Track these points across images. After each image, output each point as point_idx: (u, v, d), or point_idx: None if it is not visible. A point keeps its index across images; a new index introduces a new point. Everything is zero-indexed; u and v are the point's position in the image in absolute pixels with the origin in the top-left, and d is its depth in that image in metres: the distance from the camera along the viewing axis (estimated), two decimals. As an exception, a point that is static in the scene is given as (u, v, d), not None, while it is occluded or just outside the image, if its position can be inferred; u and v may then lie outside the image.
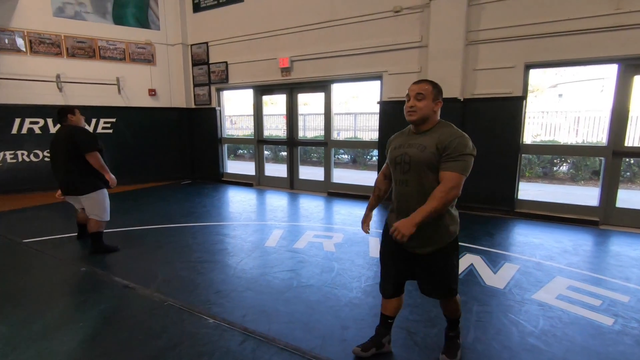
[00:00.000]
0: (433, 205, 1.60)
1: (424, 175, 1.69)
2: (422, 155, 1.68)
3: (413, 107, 1.69)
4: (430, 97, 1.69)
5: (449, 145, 1.62)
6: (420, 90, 1.69)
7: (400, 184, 1.79)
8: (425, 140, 1.70)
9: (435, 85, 1.73)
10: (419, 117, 1.69)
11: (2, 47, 6.06)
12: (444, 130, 1.69)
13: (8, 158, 6.31)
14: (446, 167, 1.63)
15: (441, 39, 4.86)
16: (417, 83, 1.74)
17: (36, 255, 3.46)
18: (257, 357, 1.97)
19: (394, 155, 1.81)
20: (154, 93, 7.40)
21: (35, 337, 2.14)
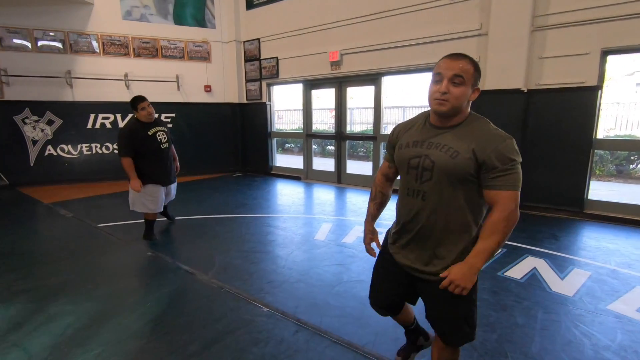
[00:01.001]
0: (497, 240, 1.21)
1: (450, 188, 1.27)
2: (453, 163, 1.23)
3: (446, 93, 1.22)
4: (470, 81, 1.23)
5: (495, 152, 1.18)
6: (459, 72, 1.21)
7: (413, 195, 1.34)
8: (454, 141, 1.25)
9: (477, 65, 1.27)
10: (451, 108, 1.23)
11: (80, 49, 6.70)
12: (480, 128, 1.25)
13: (84, 150, 6.99)
14: (498, 184, 1.20)
15: (503, 25, 4.53)
16: (454, 58, 1.23)
17: (109, 239, 3.80)
18: (311, 348, 2.00)
19: (406, 156, 1.35)
20: (209, 89, 7.76)
21: (111, 313, 2.36)
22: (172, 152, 3.78)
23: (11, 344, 2.02)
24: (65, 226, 4.25)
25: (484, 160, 1.20)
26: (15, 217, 4.63)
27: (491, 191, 1.22)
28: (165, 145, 3.57)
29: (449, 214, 1.29)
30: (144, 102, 3.43)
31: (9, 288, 2.68)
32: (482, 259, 1.23)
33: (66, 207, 5.07)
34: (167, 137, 3.63)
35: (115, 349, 1.99)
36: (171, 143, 3.73)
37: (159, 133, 3.53)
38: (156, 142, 3.48)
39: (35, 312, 2.35)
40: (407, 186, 1.37)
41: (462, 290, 1.23)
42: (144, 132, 3.42)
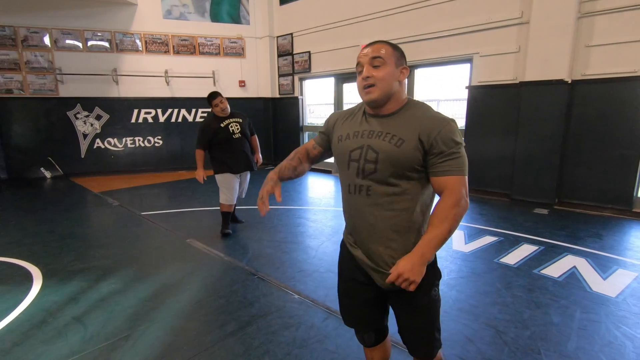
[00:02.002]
0: (447, 227, 1.09)
1: (398, 180, 1.14)
2: (399, 153, 1.12)
3: (369, 77, 1.14)
4: (391, 60, 1.15)
5: (440, 136, 1.09)
6: (376, 53, 1.14)
7: (356, 192, 1.20)
8: (397, 128, 1.14)
9: (395, 45, 1.19)
10: (381, 93, 1.14)
11: (124, 48, 7.10)
12: (422, 113, 1.15)
13: (128, 143, 7.44)
14: (446, 169, 1.10)
15: (547, 13, 4.30)
16: (368, 45, 1.18)
17: (151, 226, 4.06)
18: (340, 334, 2.06)
19: (347, 148, 1.22)
20: (243, 84, 7.97)
21: (155, 293, 2.55)
22: (250, 143, 3.83)
23: (70, 317, 2.25)
24: (113, 214, 4.58)
25: (431, 145, 1.10)
26: (70, 205, 5.05)
27: (439, 178, 1.12)
28: (237, 135, 3.62)
29: (397, 209, 1.16)
30: (216, 99, 3.55)
31: (66, 268, 2.95)
32: (431, 248, 1.10)
33: (113, 196, 5.44)
34: (242, 128, 3.67)
35: (160, 325, 2.16)
36: (248, 134, 3.77)
37: (232, 124, 3.61)
38: (228, 133, 3.57)
39: (89, 290, 2.59)
40: (349, 182, 1.22)
41: (411, 284, 1.08)
42: (217, 125, 3.56)
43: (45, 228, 3.96)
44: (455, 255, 3.16)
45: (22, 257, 3.16)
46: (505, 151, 4.93)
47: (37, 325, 2.17)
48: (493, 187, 5.18)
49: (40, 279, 2.76)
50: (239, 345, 1.97)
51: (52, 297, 2.49)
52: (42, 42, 6.61)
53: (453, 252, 3.22)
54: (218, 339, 2.03)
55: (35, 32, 6.55)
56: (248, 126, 3.80)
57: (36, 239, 3.61)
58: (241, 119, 3.71)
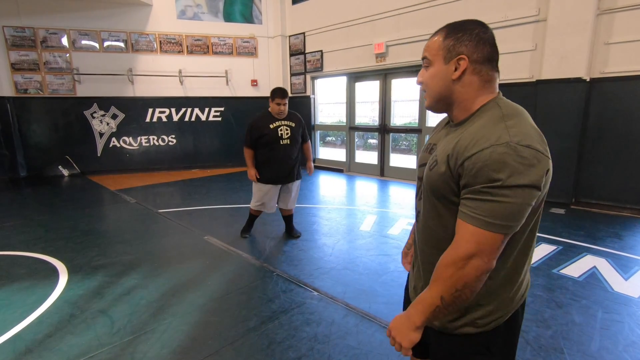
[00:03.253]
0: (437, 291, 0.84)
1: (434, 212, 0.93)
2: (429, 176, 0.92)
3: (420, 83, 0.96)
4: (438, 56, 0.89)
5: (471, 162, 0.78)
6: (423, 53, 0.95)
7: (416, 214, 1.07)
8: (444, 146, 0.90)
9: (453, 27, 0.89)
10: (433, 99, 0.93)
11: (140, 48, 7.21)
12: (474, 126, 0.84)
13: (143, 142, 7.56)
14: (461, 211, 0.82)
15: (565, 10, 4.25)
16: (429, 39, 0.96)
17: (169, 223, 4.13)
18: (360, 331, 2.09)
19: (419, 160, 1.04)
20: (255, 83, 8.03)
21: (177, 288, 2.60)
22: (299, 150, 3.47)
23: (97, 311, 2.31)
24: (131, 211, 4.67)
25: (458, 173, 0.82)
26: (89, 202, 5.16)
27: (458, 219, 0.84)
28: (285, 141, 3.27)
29: (434, 245, 0.95)
30: (279, 98, 3.21)
31: (90, 263, 3.03)
32: (420, 312, 0.87)
33: (129, 194, 5.54)
34: (292, 133, 3.31)
35: (184, 319, 2.21)
36: (299, 140, 3.40)
37: (283, 128, 3.27)
38: (275, 136, 3.24)
39: (113, 285, 2.65)
40: (416, 205, 1.07)
41: (399, 347, 0.90)
42: (266, 125, 3.24)
43: (67, 224, 4.05)
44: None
45: (47, 252, 3.25)
46: (521, 150, 4.88)
47: (65, 317, 2.23)
48: (508, 187, 5.13)
49: (65, 273, 2.84)
50: (263, 340, 2.01)
51: (78, 291, 2.56)
52: (60, 43, 6.75)
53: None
54: (242, 333, 2.07)
55: (54, 33, 6.69)
56: (301, 131, 3.42)
57: (59, 235, 3.71)
58: (294, 123, 3.34)
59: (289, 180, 3.42)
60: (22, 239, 3.62)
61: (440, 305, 0.84)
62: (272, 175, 3.34)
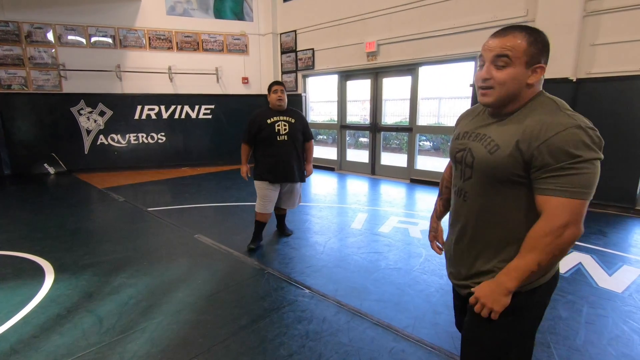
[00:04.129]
0: (535, 259, 0.93)
1: (492, 190, 1.03)
2: (491, 160, 1.00)
3: (489, 79, 0.98)
4: (521, 60, 0.95)
5: (547, 145, 0.90)
6: (503, 50, 0.95)
7: (458, 194, 1.15)
8: (499, 132, 1.01)
9: (535, 37, 0.96)
10: (498, 98, 0.99)
11: (128, 44, 7.10)
12: (539, 114, 0.95)
13: (131, 140, 7.45)
14: (547, 187, 0.92)
15: (552, 11, 4.32)
16: (498, 35, 0.98)
17: (159, 221, 4.08)
18: (352, 328, 2.10)
19: (454, 149, 1.17)
20: (246, 81, 7.98)
21: (167, 287, 2.57)
22: (299, 148, 3.23)
23: (84, 310, 2.28)
24: (120, 209, 4.60)
25: (532, 155, 0.92)
26: (76, 200, 5.06)
27: (538, 196, 0.94)
28: (283, 137, 3.08)
29: (491, 221, 1.05)
30: (276, 85, 3.08)
31: (77, 262, 2.98)
32: (514, 278, 0.96)
33: (118, 192, 5.46)
34: (291, 129, 3.10)
35: (174, 318, 2.19)
36: (299, 138, 3.18)
37: (280, 123, 3.07)
38: (272, 132, 3.05)
39: (102, 284, 2.61)
40: (455, 183, 1.18)
41: (489, 311, 1.00)
42: (264, 119, 3.08)
43: (53, 223, 3.98)
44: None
45: (33, 251, 3.18)
46: (509, 149, 4.96)
47: (52, 317, 2.19)
48: (496, 185, 5.21)
49: (52, 273, 2.78)
50: (254, 338, 2.00)
51: (65, 291, 2.51)
52: (46, 37, 6.60)
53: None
54: (232, 331, 2.06)
55: (39, 28, 6.54)
56: (302, 129, 3.19)
57: (45, 234, 3.63)
58: (294, 119, 3.14)
59: (288, 180, 3.19)
60: (7, 237, 3.54)
61: (536, 270, 0.95)
62: (271, 172, 3.13)
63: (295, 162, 3.19)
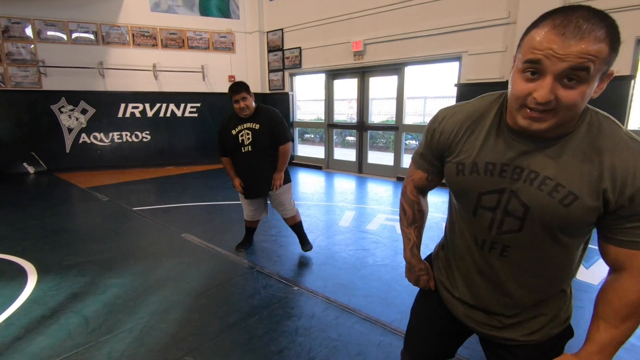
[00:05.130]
0: (630, 327, 0.78)
1: (548, 244, 0.80)
2: (564, 213, 0.74)
3: (548, 103, 0.67)
4: (600, 71, 0.65)
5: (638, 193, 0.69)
6: (583, 61, 0.63)
7: (483, 247, 0.88)
8: (566, 171, 0.73)
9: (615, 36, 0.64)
10: (554, 125, 0.70)
11: (111, 41, 6.95)
12: (612, 144, 0.72)
13: (115, 138, 7.30)
14: (632, 239, 0.73)
15: (532, 14, 4.36)
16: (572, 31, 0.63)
17: (144, 221, 4.03)
18: (340, 323, 2.13)
19: (474, 188, 0.84)
20: (233, 79, 7.91)
21: (154, 286, 2.55)
22: (269, 157, 2.81)
23: (69, 311, 2.24)
24: (104, 209, 4.52)
25: (622, 204, 0.70)
26: (58, 200, 4.95)
27: (622, 249, 0.74)
28: (247, 148, 2.74)
29: (544, 277, 0.86)
30: (236, 94, 2.64)
31: (61, 262, 2.92)
32: (607, 355, 0.79)
33: (102, 191, 5.36)
34: (255, 137, 2.71)
35: (162, 317, 2.18)
36: (265, 146, 2.75)
37: (244, 132, 2.71)
38: (236, 144, 2.75)
39: (87, 285, 2.57)
40: (474, 232, 0.88)
41: None
42: (229, 130, 2.76)
43: (35, 224, 3.88)
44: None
45: (13, 252, 3.10)
46: (492, 147, 5.09)
47: (36, 319, 2.15)
48: (480, 183, 5.34)
49: (34, 274, 2.72)
50: (244, 335, 2.01)
51: (49, 292, 2.46)
52: (24, 33, 6.40)
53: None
54: (222, 329, 2.06)
55: (17, 23, 6.34)
56: (269, 133, 2.72)
57: (26, 235, 3.54)
58: (258, 124, 2.70)
59: (259, 195, 2.92)
60: (-15, 239, 3.44)
61: (623, 342, 0.79)
62: (243, 187, 2.89)
63: (264, 173, 2.83)
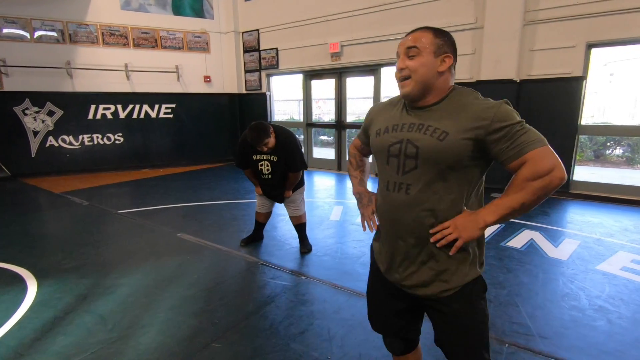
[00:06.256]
0: (518, 197, 0.99)
1: (440, 177, 1.05)
2: (441, 147, 1.02)
3: (404, 69, 1.07)
4: (429, 49, 1.05)
5: (494, 123, 0.99)
6: (411, 43, 1.05)
7: (394, 189, 1.11)
8: (441, 120, 1.05)
9: (439, 31, 1.08)
10: (415, 86, 1.06)
11: (79, 40, 6.67)
12: (469, 102, 1.06)
13: (85, 141, 7.01)
14: (515, 151, 0.99)
15: (498, 19, 4.87)
16: (410, 33, 1.09)
17: (134, 223, 3.98)
18: (351, 305, 2.30)
19: (385, 143, 1.13)
20: (208, 80, 7.86)
21: (163, 284, 2.59)
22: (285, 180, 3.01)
23: (82, 311, 2.24)
24: (88, 213, 4.39)
25: (488, 133, 1.00)
26: (35, 206, 4.73)
27: (514, 162, 1.00)
28: (267, 176, 2.96)
29: (440, 210, 1.06)
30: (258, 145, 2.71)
31: (58, 266, 2.86)
32: (494, 213, 1.02)
33: (78, 196, 5.16)
34: (274, 169, 2.91)
35: (179, 311, 2.24)
36: (282, 173, 2.94)
37: (264, 163, 2.91)
38: (256, 169, 2.97)
39: (92, 286, 2.56)
40: (387, 179, 1.13)
41: (454, 238, 1.04)
42: (249, 153, 2.91)
43: (17, 230, 3.71)
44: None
45: (2, 259, 2.98)
46: (464, 143, 5.49)
47: (50, 320, 2.14)
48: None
49: (32, 278, 2.66)
50: (264, 321, 2.13)
51: (55, 295, 2.43)
52: (-18, 30, 6.00)
53: (431, 232, 3.61)
54: (241, 318, 2.17)
55: (-27, 19, 5.94)
56: (284, 163, 2.90)
57: (10, 241, 3.40)
58: (277, 156, 2.86)
59: (276, 201, 3.20)
60: (-36, 248, 3.26)
61: (517, 209, 1.00)
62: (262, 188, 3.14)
63: (282, 190, 3.07)
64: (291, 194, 3.10)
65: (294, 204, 3.16)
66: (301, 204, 3.21)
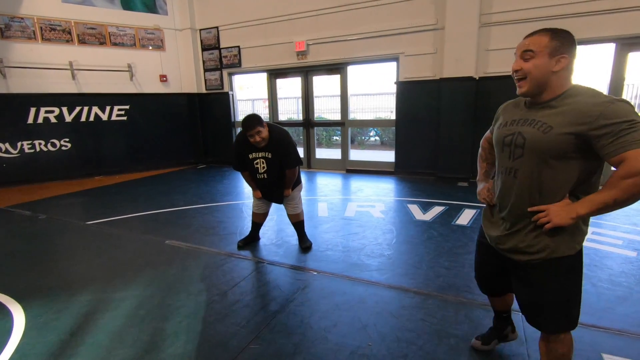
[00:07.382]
0: (613, 195, 1.10)
1: (543, 166, 1.21)
2: (544, 139, 1.18)
3: (518, 70, 1.23)
4: (544, 52, 1.18)
5: (599, 120, 1.09)
6: (527, 47, 1.20)
7: (506, 174, 1.33)
8: (549, 116, 1.20)
9: (556, 33, 1.19)
10: (531, 86, 1.21)
11: (13, 35, 5.93)
12: (581, 100, 1.15)
13: (26, 148, 6.25)
14: (615, 148, 1.08)
15: (456, 21, 5.25)
16: (526, 37, 1.24)
17: (111, 233, 3.66)
18: (372, 294, 2.38)
19: (501, 135, 1.34)
20: (165, 79, 7.42)
21: (173, 291, 2.44)
22: (281, 180, 3.01)
23: (91, 330, 2.03)
24: (48, 227, 3.93)
25: (592, 129, 1.10)
26: (-27, 224, 4.11)
27: (613, 159, 1.09)
28: (262, 175, 2.95)
29: (541, 193, 1.24)
30: (249, 130, 2.71)
31: (38, 285, 2.55)
32: (587, 206, 1.15)
33: (28, 209, 4.61)
34: (269, 166, 2.92)
35: (198, 318, 2.14)
36: (278, 172, 2.95)
37: (259, 161, 2.91)
38: (252, 168, 2.97)
39: (90, 302, 2.33)
40: (502, 164, 1.36)
41: (548, 221, 1.20)
42: (245, 152, 2.93)
43: (-34, 252, 3.23)
44: (423, 225, 3.75)
45: (-37, 285, 2.59)
46: (430, 136, 5.84)
47: (55, 343, 1.91)
48: (421, 168, 6.07)
49: (12, 302, 2.35)
50: (293, 318, 2.12)
51: (49, 315, 2.18)
52: None
53: (420, 222, 3.81)
54: (269, 316, 2.13)
55: None
56: (280, 161, 2.92)
57: (-36, 265, 2.95)
58: (271, 153, 2.88)
59: (273, 201, 3.21)
60: None
61: (611, 205, 1.11)
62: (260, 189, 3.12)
63: (279, 190, 3.08)
64: (291, 192, 3.09)
65: (293, 202, 3.17)
66: (299, 200, 3.23)
